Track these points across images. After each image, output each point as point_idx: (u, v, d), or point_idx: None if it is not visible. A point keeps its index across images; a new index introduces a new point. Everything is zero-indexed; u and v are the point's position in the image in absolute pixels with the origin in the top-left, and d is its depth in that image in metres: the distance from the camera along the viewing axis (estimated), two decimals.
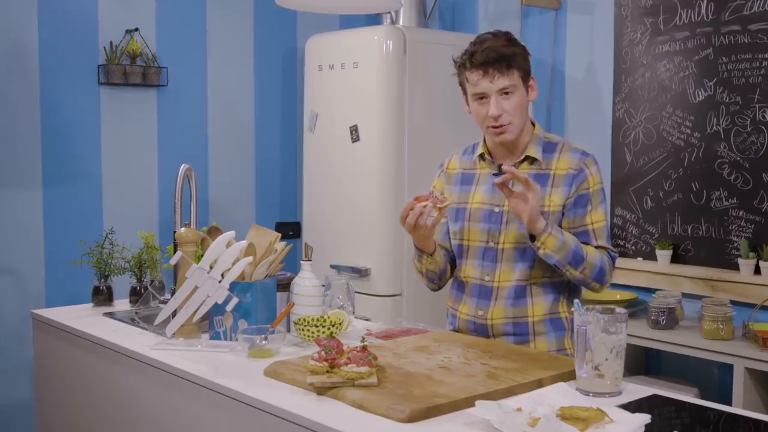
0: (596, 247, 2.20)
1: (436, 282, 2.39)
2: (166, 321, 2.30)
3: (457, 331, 2.34)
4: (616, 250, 2.28)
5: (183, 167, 2.66)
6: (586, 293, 2.46)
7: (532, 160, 2.24)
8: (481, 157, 2.32)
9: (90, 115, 3.86)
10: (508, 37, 2.22)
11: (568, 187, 2.20)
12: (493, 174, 2.28)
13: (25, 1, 3.66)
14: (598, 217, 2.22)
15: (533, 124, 2.29)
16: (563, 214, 2.21)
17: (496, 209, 2.25)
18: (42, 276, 3.75)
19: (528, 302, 2.24)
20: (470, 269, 2.30)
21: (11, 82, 3.65)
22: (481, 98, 2.20)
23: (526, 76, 2.21)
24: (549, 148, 2.26)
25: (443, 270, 2.36)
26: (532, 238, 2.13)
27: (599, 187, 2.23)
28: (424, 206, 2.13)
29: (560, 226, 2.19)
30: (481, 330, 2.28)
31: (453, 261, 2.39)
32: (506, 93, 2.18)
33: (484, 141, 2.32)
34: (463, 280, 2.33)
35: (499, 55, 2.16)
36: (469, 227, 2.29)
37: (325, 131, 3.97)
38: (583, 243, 2.19)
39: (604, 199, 2.25)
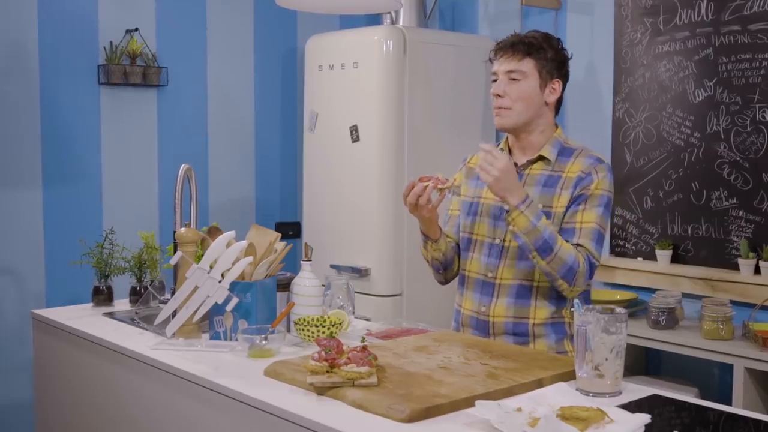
0: (576, 245, 2.16)
1: (441, 272, 2.39)
2: (166, 321, 2.30)
3: (461, 327, 2.35)
4: (597, 259, 2.19)
5: (183, 167, 2.66)
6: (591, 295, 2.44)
7: (545, 161, 2.25)
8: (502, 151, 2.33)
9: (90, 115, 3.86)
10: (546, 37, 2.25)
11: (573, 189, 2.19)
12: None
13: (25, 1, 3.66)
14: (589, 218, 2.17)
15: (556, 127, 2.30)
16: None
17: (506, 206, 2.25)
18: (42, 276, 3.75)
19: (531, 304, 2.23)
20: (475, 264, 2.31)
21: (11, 82, 3.65)
22: (495, 79, 2.26)
23: (545, 72, 2.23)
24: (566, 152, 2.25)
25: (449, 260, 2.36)
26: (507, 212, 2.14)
27: (601, 193, 2.19)
28: (425, 186, 2.14)
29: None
30: (482, 327, 2.28)
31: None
32: (514, 78, 2.21)
33: (506, 139, 2.36)
34: (466, 275, 2.34)
35: (519, 41, 2.22)
36: (479, 221, 2.31)
37: (325, 131, 3.97)
38: (565, 240, 2.17)
39: (603, 205, 2.19)
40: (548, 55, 2.23)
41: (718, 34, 3.41)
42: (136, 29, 3.91)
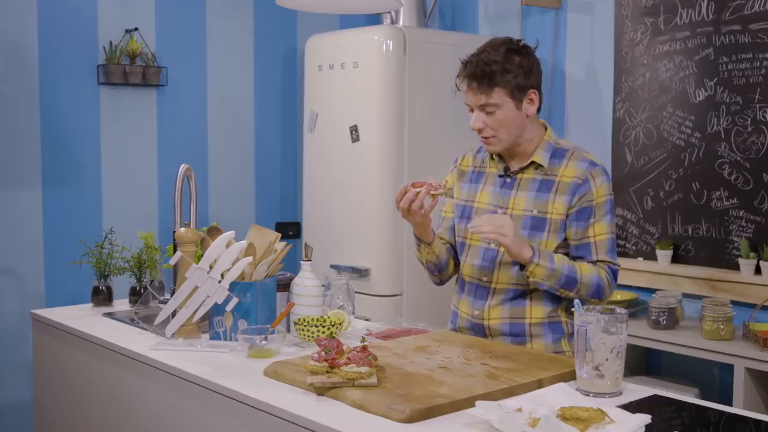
0: (596, 261, 2.18)
1: (436, 275, 2.39)
2: (166, 321, 2.30)
3: (457, 329, 2.35)
4: (617, 264, 2.22)
5: (183, 167, 2.66)
6: None
7: (537, 166, 2.24)
8: (492, 156, 2.32)
9: (90, 115, 3.86)
10: (508, 49, 2.17)
11: (570, 196, 2.18)
12: (499, 176, 2.28)
13: (25, 1, 3.66)
14: (601, 230, 2.18)
15: (545, 128, 2.28)
16: (566, 225, 2.19)
17: (500, 211, 2.24)
18: (41, 276, 3.75)
19: (526, 304, 2.23)
20: (469, 268, 2.31)
21: (11, 82, 3.65)
22: (470, 109, 2.22)
23: (518, 92, 2.16)
24: (558, 153, 2.24)
25: (443, 262, 2.36)
26: (522, 266, 2.13)
27: (604, 200, 2.19)
28: (417, 192, 2.14)
29: (564, 234, 2.19)
30: (478, 329, 2.28)
31: (456, 256, 2.39)
32: (489, 111, 2.17)
33: None
34: (463, 278, 2.34)
35: (482, 72, 2.14)
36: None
37: (325, 131, 3.97)
38: (581, 257, 2.18)
39: (609, 211, 2.20)
40: (513, 72, 2.15)
41: (718, 34, 3.40)
42: (136, 29, 3.90)
